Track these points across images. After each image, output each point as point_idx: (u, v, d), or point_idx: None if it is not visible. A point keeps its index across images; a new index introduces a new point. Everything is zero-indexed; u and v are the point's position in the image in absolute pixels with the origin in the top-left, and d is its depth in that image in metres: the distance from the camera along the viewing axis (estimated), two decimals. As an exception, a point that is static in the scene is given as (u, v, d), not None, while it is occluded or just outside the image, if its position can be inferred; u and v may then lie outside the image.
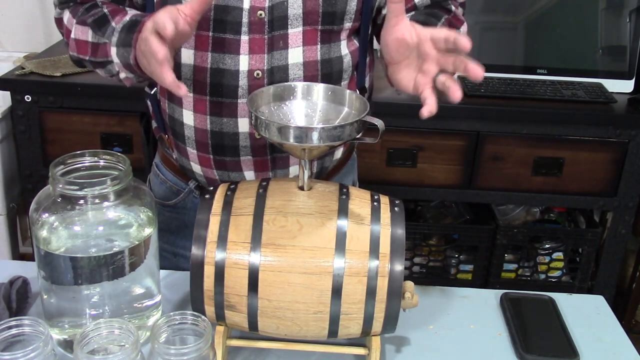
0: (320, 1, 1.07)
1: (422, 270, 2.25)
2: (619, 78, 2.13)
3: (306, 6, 1.07)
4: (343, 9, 1.09)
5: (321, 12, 1.08)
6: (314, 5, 1.07)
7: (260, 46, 1.08)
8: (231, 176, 1.15)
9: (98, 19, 1.08)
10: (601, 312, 1.15)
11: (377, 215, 0.92)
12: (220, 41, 1.08)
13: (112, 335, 0.87)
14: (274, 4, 1.05)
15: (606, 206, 2.12)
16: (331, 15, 1.09)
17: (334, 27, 1.10)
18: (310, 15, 1.08)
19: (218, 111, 1.10)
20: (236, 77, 1.08)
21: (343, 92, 0.95)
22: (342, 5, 1.09)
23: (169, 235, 1.25)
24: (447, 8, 1.17)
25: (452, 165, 2.05)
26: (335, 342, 0.99)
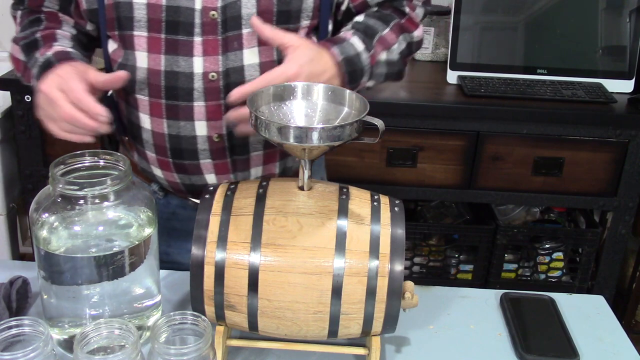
0: (274, 0, 1.06)
1: (422, 270, 2.25)
2: (619, 78, 2.13)
3: (260, 5, 1.05)
4: (299, 7, 1.08)
5: (276, 11, 1.07)
6: (268, 4, 1.05)
7: (214, 48, 1.07)
8: (192, 179, 1.15)
9: (29, 43, 1.10)
10: (601, 312, 1.15)
11: (377, 215, 0.92)
12: (174, 43, 1.07)
13: (112, 335, 0.87)
14: (227, 3, 1.04)
15: (606, 206, 2.12)
16: (286, 13, 1.07)
17: (290, 25, 1.09)
18: (265, 15, 1.06)
19: (174, 114, 1.09)
20: (191, 80, 1.07)
21: (343, 92, 0.95)
22: (297, 3, 1.07)
23: None
24: (401, 10, 1.15)
25: (452, 165, 2.05)
26: (335, 342, 0.99)
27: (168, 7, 1.05)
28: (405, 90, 2.10)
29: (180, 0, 1.04)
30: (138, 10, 1.06)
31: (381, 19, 1.12)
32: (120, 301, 0.95)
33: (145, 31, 1.07)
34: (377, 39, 1.10)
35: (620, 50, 2.15)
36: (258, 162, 1.15)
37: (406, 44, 1.13)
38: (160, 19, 1.06)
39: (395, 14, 1.13)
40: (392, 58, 1.13)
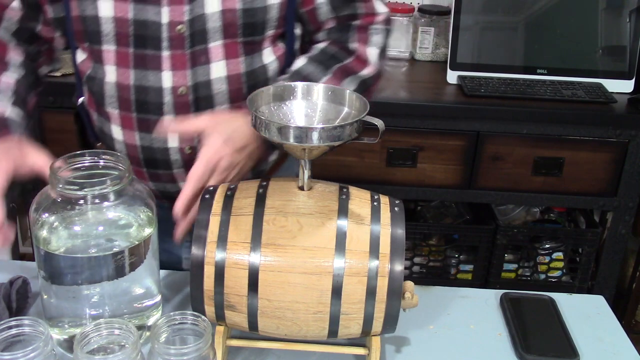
0: (239, 13, 1.06)
1: (422, 270, 2.25)
2: (619, 78, 2.13)
3: (225, 18, 1.06)
4: (263, 19, 1.08)
5: (241, 24, 1.07)
6: (232, 17, 1.06)
7: (182, 62, 1.07)
8: (166, 187, 1.16)
9: None
10: (601, 312, 1.15)
11: (377, 215, 0.92)
12: (142, 57, 1.07)
13: (112, 335, 0.87)
14: (193, 17, 1.05)
15: (606, 206, 2.12)
16: (251, 25, 1.08)
17: (256, 37, 1.09)
18: (230, 28, 1.07)
19: (146, 127, 1.10)
20: (160, 94, 1.08)
21: (343, 92, 0.95)
22: (262, 15, 1.07)
23: None
24: (348, 48, 1.13)
25: (452, 165, 2.05)
26: (335, 342, 0.99)
27: (135, 21, 1.05)
28: (405, 90, 2.10)
29: (147, 14, 1.04)
30: (105, 25, 1.06)
31: (322, 64, 1.11)
32: (120, 301, 0.95)
33: (113, 45, 1.08)
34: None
35: (620, 50, 2.15)
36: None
37: (357, 84, 1.11)
38: (128, 33, 1.06)
39: (342, 53, 1.12)
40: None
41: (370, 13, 1.13)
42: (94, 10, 1.05)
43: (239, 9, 1.05)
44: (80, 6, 1.07)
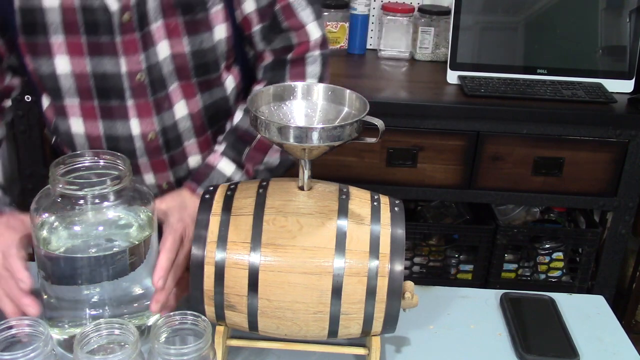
0: (189, 56, 1.08)
1: (422, 270, 2.25)
2: (619, 78, 2.13)
3: (176, 63, 1.08)
4: (214, 57, 1.10)
5: (192, 66, 1.09)
6: (182, 61, 1.08)
7: (147, 110, 1.10)
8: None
9: None
10: (601, 312, 1.15)
11: (377, 215, 0.92)
12: (108, 109, 1.09)
13: (112, 335, 0.87)
14: (149, 65, 1.06)
15: (606, 206, 2.11)
16: (203, 66, 1.10)
17: (211, 75, 1.12)
18: (182, 71, 1.09)
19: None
20: (131, 141, 1.11)
21: (343, 92, 0.95)
22: (211, 54, 1.09)
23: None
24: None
25: (452, 165, 2.05)
26: (335, 342, 0.99)
27: (95, 75, 1.07)
28: (405, 90, 2.10)
29: (105, 67, 1.05)
30: (64, 81, 1.08)
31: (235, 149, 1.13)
32: (120, 301, 0.95)
33: (76, 99, 1.10)
34: (247, 156, 1.12)
35: (620, 50, 2.15)
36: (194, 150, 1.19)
37: None
38: (89, 86, 1.07)
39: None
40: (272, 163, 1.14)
41: (304, 41, 1.13)
42: (50, 67, 1.07)
43: (187, 52, 1.07)
44: (34, 63, 1.07)
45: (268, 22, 1.11)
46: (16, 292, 0.92)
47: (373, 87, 2.06)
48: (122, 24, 1.03)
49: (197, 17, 1.06)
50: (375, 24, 2.40)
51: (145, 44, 1.05)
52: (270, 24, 1.11)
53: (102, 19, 1.03)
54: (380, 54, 2.33)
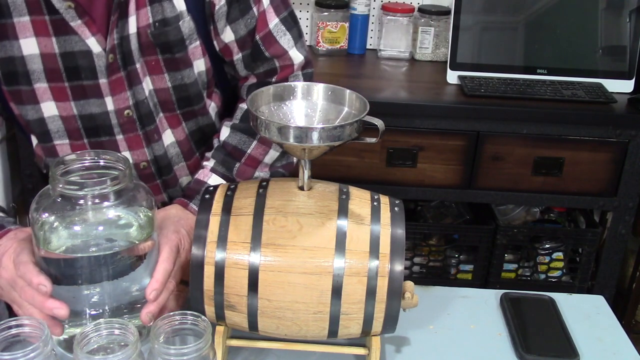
0: (171, 91, 1.10)
1: (422, 270, 2.25)
2: (619, 78, 2.13)
3: (159, 97, 1.10)
4: (197, 90, 1.12)
5: (175, 100, 1.11)
6: (165, 95, 1.10)
7: (137, 143, 1.12)
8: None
9: None
10: (601, 312, 1.15)
11: (377, 215, 0.92)
12: (99, 145, 1.11)
13: (112, 335, 0.87)
14: (137, 101, 1.08)
15: (606, 206, 2.12)
16: (186, 99, 1.12)
17: (194, 107, 1.14)
18: (166, 104, 1.11)
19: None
20: None
21: (343, 92, 0.95)
22: (193, 88, 1.11)
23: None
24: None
25: (452, 165, 2.05)
26: (335, 342, 0.99)
27: (82, 117, 1.08)
28: (405, 90, 2.10)
29: (91, 108, 1.07)
30: (52, 125, 1.09)
31: (246, 132, 1.14)
32: (120, 301, 0.95)
33: (65, 139, 1.11)
34: (237, 171, 1.13)
35: (620, 50, 2.15)
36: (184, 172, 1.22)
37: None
38: (77, 127, 1.09)
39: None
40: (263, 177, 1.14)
41: (288, 64, 1.15)
42: (37, 113, 1.08)
43: (169, 87, 1.10)
44: (20, 109, 1.08)
45: (249, 50, 1.13)
46: (39, 299, 0.90)
47: (373, 87, 2.06)
48: (108, 64, 1.04)
49: (176, 56, 1.08)
50: (375, 24, 2.41)
51: (131, 81, 1.07)
52: (251, 53, 1.13)
53: (83, 63, 1.04)
54: (380, 54, 2.34)
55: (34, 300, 0.91)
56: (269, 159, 1.17)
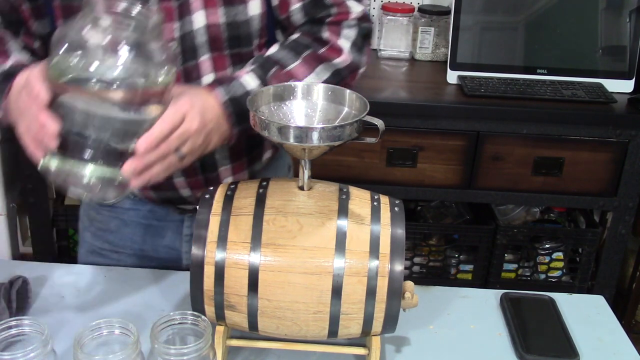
0: (223, 27, 1.07)
1: (422, 270, 2.25)
2: (619, 78, 2.13)
3: (210, 33, 1.07)
4: (248, 31, 1.09)
5: (226, 37, 1.08)
6: (217, 31, 1.07)
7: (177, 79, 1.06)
8: (167, 194, 1.17)
9: None
10: (601, 312, 1.15)
11: (377, 215, 0.92)
12: None
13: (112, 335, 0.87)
14: (183, 34, 1.05)
15: (606, 206, 2.12)
16: (236, 38, 1.09)
17: (243, 49, 1.10)
18: (216, 42, 1.07)
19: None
20: None
21: (343, 92, 0.96)
22: (245, 27, 1.08)
23: (108, 235, 1.26)
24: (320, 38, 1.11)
25: (452, 165, 2.05)
26: (335, 342, 0.99)
27: None
28: (405, 90, 2.10)
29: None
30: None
31: (293, 50, 1.10)
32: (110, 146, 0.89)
33: None
34: (274, 74, 1.08)
35: (620, 50, 2.15)
36: (227, 174, 1.18)
37: (331, 73, 1.10)
38: None
39: (314, 43, 1.11)
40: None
41: (344, 12, 1.12)
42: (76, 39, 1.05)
43: (222, 23, 1.07)
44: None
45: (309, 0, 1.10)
46: (35, 108, 0.87)
47: (373, 87, 2.06)
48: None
49: None
50: (375, 24, 2.41)
51: (182, 12, 1.05)
52: (311, 1, 1.10)
53: None
54: (380, 54, 2.34)
55: (30, 108, 0.88)
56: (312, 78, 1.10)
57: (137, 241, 1.24)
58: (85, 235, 1.30)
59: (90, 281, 1.15)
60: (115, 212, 1.25)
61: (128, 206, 1.23)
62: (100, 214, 1.26)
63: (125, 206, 1.24)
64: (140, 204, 1.23)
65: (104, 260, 1.26)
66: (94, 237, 1.28)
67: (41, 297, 1.10)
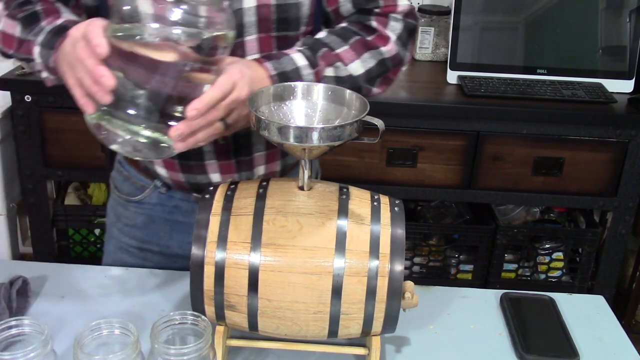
0: (273, 8, 1.06)
1: (422, 270, 2.25)
2: (619, 78, 2.13)
3: (259, 14, 1.06)
4: (296, 15, 1.09)
5: (275, 19, 1.08)
6: (266, 12, 1.06)
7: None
8: (197, 178, 1.16)
9: (28, 15, 1.05)
10: (601, 312, 1.15)
11: (377, 215, 0.92)
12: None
13: (112, 335, 0.87)
14: (233, 11, 1.04)
15: (606, 206, 2.12)
16: (285, 21, 1.08)
17: (290, 32, 1.10)
18: (264, 23, 1.07)
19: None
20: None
21: (343, 92, 0.96)
22: (294, 11, 1.08)
23: (135, 231, 1.25)
24: (368, 26, 1.11)
25: (452, 165, 2.05)
26: (335, 342, 0.99)
27: None
28: (405, 90, 2.10)
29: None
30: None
31: (341, 36, 1.10)
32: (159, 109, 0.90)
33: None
34: (322, 54, 1.08)
35: (620, 50, 2.15)
36: (261, 161, 1.16)
37: (376, 62, 1.10)
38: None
39: (363, 31, 1.11)
40: (341, 74, 1.09)
41: (391, 4, 1.13)
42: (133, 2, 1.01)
43: (272, 4, 1.06)
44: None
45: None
46: (92, 61, 0.85)
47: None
48: None
49: None
50: (375, 24, 2.40)
51: None
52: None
53: None
54: (380, 54, 2.33)
55: (87, 60, 0.86)
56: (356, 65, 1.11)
57: (164, 237, 1.24)
58: (113, 231, 1.29)
59: (90, 281, 1.15)
60: (142, 208, 1.24)
61: (155, 202, 1.23)
62: (127, 209, 1.25)
63: (152, 202, 1.23)
64: (166, 199, 1.22)
65: (131, 258, 1.25)
66: (121, 233, 1.27)
67: (41, 297, 1.10)
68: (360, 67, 1.10)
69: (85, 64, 0.86)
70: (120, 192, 1.26)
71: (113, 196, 1.29)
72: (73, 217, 2.25)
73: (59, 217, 2.23)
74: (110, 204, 1.30)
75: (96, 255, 2.32)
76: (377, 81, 1.12)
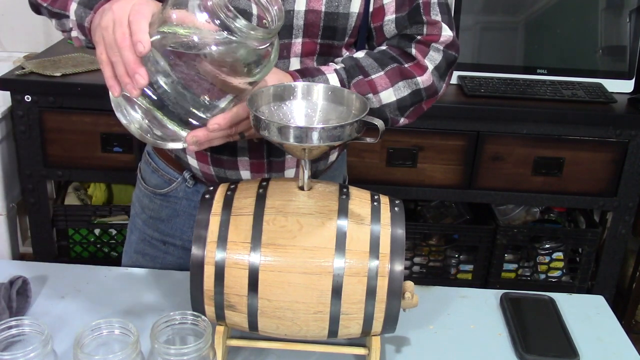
0: (322, 15, 1.06)
1: (422, 270, 2.26)
2: (619, 78, 2.13)
3: (307, 19, 1.06)
4: (344, 25, 1.09)
5: (322, 26, 1.08)
6: (315, 18, 1.06)
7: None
8: (227, 173, 1.15)
9: None
10: (601, 312, 1.15)
11: (377, 215, 0.92)
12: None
13: (112, 335, 0.87)
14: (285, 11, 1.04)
15: (606, 206, 2.12)
16: (332, 29, 1.08)
17: (335, 42, 1.10)
18: (311, 28, 1.07)
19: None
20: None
21: (343, 92, 0.95)
22: (342, 21, 1.08)
23: (159, 224, 1.25)
24: (408, 53, 1.11)
25: (452, 165, 2.05)
26: (335, 342, 0.99)
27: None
28: (405, 90, 2.10)
29: (239, 3, 1.02)
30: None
31: (379, 61, 1.10)
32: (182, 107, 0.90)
33: None
34: (356, 82, 1.08)
35: (620, 50, 2.15)
36: (292, 164, 1.16)
37: (411, 91, 1.09)
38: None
39: (401, 57, 1.10)
40: (373, 105, 1.09)
41: (434, 33, 1.12)
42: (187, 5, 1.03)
43: (322, 11, 1.06)
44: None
45: (405, 12, 1.10)
46: (132, 57, 0.84)
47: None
48: None
49: None
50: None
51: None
52: (408, 14, 1.10)
53: None
54: (380, 54, 2.34)
55: (124, 51, 0.84)
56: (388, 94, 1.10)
57: (187, 232, 1.24)
58: (137, 222, 1.29)
59: (90, 281, 1.15)
60: (168, 201, 1.24)
61: (181, 195, 1.23)
62: (153, 202, 1.25)
63: (178, 195, 1.23)
64: (192, 194, 1.22)
65: (152, 250, 1.26)
66: (145, 225, 1.27)
67: (41, 297, 1.10)
68: (392, 95, 1.09)
69: (123, 54, 0.85)
70: (147, 184, 1.26)
71: (139, 187, 1.29)
72: (73, 217, 2.25)
73: (59, 217, 2.23)
74: (136, 195, 1.30)
75: (96, 255, 2.32)
76: (409, 111, 1.11)
